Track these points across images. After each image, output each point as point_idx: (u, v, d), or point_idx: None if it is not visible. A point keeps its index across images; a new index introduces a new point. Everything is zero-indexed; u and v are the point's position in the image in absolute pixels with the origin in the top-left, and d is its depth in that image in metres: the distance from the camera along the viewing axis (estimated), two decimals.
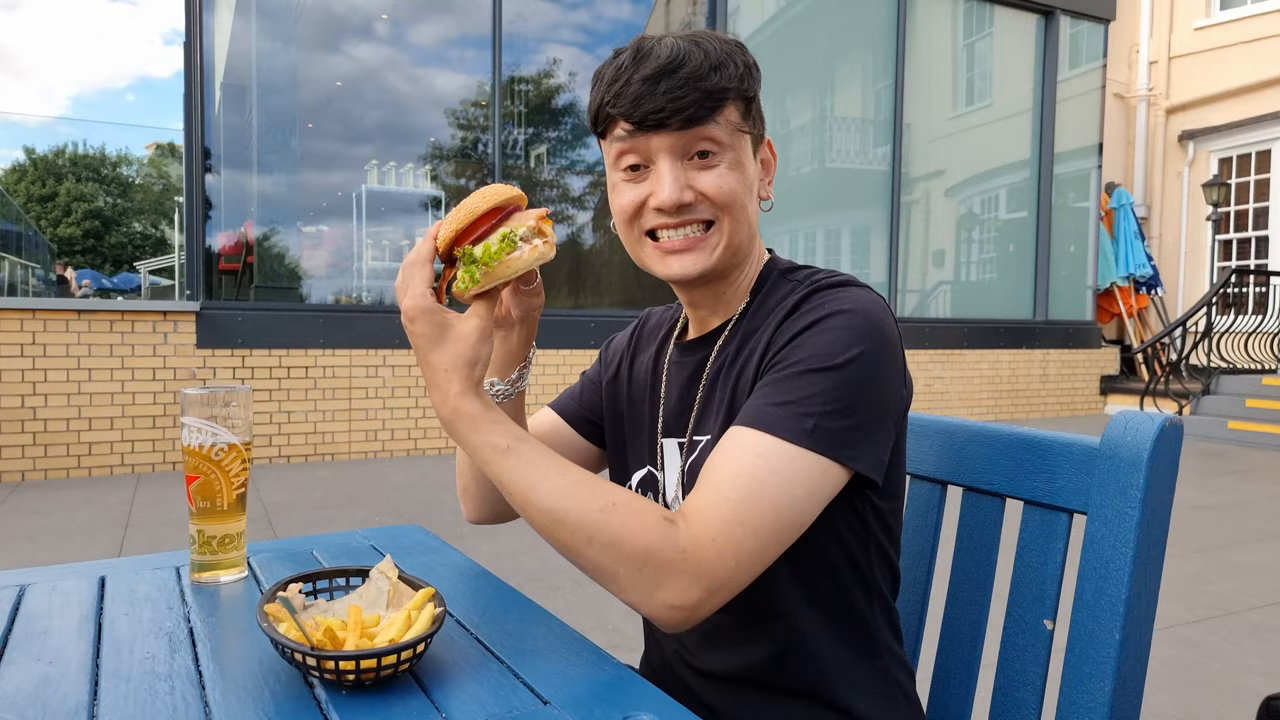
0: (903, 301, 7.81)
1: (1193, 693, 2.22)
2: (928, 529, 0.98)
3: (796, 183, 7.51)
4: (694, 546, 0.69)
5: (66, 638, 0.75)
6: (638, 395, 0.99)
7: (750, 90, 0.84)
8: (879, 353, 0.76)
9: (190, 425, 0.86)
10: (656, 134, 0.82)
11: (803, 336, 0.77)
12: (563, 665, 0.70)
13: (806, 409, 0.72)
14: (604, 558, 0.71)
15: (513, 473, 0.74)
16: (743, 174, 0.84)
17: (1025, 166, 8.40)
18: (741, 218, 0.84)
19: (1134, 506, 0.73)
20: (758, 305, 0.88)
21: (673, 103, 0.80)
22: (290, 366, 5.45)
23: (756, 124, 0.87)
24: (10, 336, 4.77)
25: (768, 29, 7.28)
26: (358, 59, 5.97)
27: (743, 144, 0.85)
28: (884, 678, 0.86)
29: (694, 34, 0.85)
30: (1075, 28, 8.59)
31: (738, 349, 0.87)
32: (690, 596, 0.69)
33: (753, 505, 0.70)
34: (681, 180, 0.83)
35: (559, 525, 0.72)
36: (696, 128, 0.81)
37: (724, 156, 0.83)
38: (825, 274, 0.85)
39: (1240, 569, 3.32)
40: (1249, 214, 9.39)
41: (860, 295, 0.80)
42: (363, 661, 0.62)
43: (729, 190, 0.83)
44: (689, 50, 0.81)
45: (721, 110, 0.82)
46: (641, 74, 0.81)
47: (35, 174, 33.55)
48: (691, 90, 0.80)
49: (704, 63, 0.80)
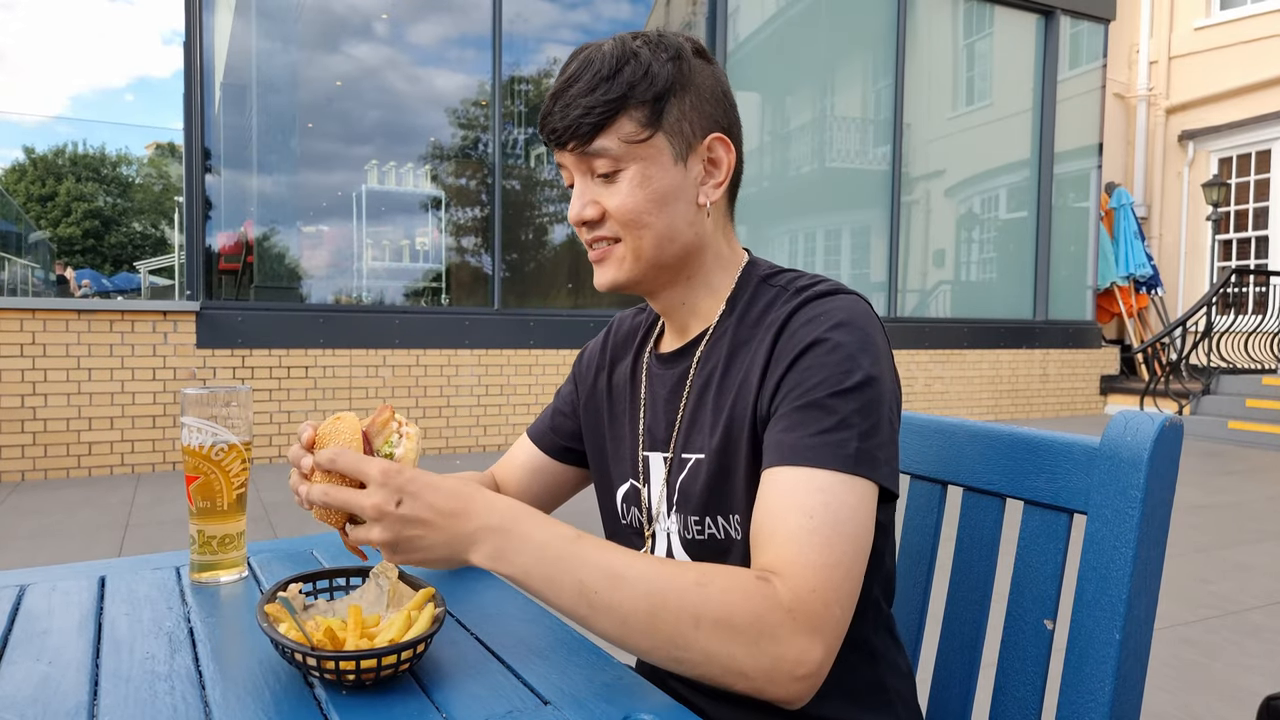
0: (903, 301, 7.80)
1: (1193, 693, 2.22)
2: (928, 529, 0.98)
3: (796, 183, 7.51)
4: (799, 603, 0.65)
5: (66, 638, 0.75)
6: (619, 409, 0.96)
7: (648, 94, 0.78)
8: (883, 364, 0.76)
9: (190, 425, 0.86)
10: (562, 152, 0.82)
11: (811, 356, 0.75)
12: (563, 665, 0.70)
13: (844, 435, 0.71)
14: (715, 640, 0.64)
15: (594, 560, 0.66)
16: (650, 187, 0.80)
17: (1025, 166, 8.40)
18: (648, 233, 0.81)
19: (1134, 506, 0.73)
20: (740, 314, 0.85)
21: (563, 121, 0.79)
22: (290, 366, 5.45)
23: (675, 127, 0.81)
24: (10, 336, 4.77)
25: (768, 29, 7.28)
26: (358, 59, 5.97)
27: (650, 153, 0.80)
28: (878, 688, 0.84)
29: (618, 38, 0.81)
30: (1075, 28, 8.59)
31: (727, 362, 0.84)
32: (813, 657, 0.65)
33: (838, 544, 0.67)
34: (586, 197, 0.82)
35: (660, 613, 0.64)
36: (586, 145, 0.79)
37: (625, 171, 0.80)
38: (809, 280, 0.83)
39: (1240, 569, 3.32)
40: (1249, 214, 9.38)
41: (853, 305, 0.78)
42: (363, 661, 0.62)
43: (628, 208, 0.80)
44: (589, 62, 0.79)
45: (611, 124, 0.78)
46: (552, 91, 0.80)
47: (35, 174, 33.53)
48: (576, 107, 0.78)
49: (595, 76, 0.78)
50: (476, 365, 5.95)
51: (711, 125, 0.83)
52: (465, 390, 5.92)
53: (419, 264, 6.40)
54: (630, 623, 0.65)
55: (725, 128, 0.84)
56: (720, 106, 0.84)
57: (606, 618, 0.65)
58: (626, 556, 0.67)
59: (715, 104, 0.84)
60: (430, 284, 6.38)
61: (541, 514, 0.71)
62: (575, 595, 0.66)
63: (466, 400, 5.92)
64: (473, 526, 0.68)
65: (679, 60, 0.81)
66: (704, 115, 0.83)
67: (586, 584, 0.65)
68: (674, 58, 0.80)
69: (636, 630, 0.65)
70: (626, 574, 0.65)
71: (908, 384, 7.54)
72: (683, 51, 0.81)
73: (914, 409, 0.95)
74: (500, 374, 6.01)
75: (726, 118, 0.85)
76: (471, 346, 5.93)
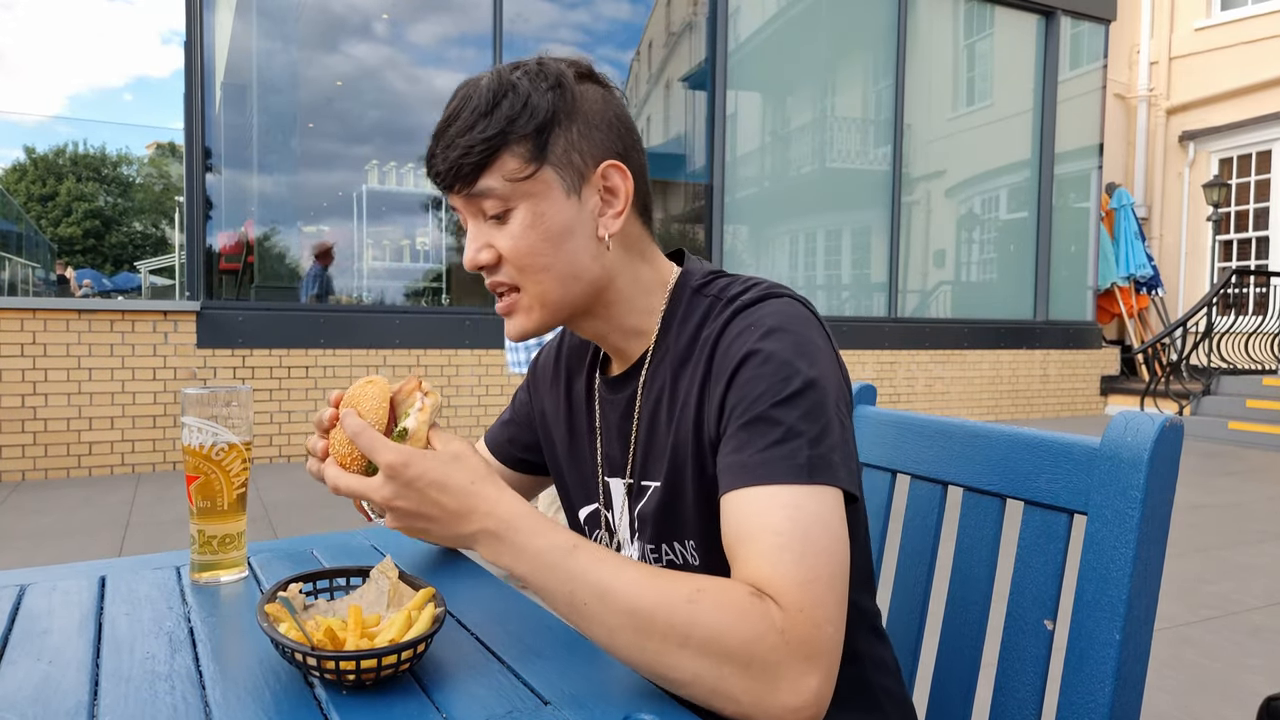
0: (903, 302, 7.80)
1: (1193, 693, 2.22)
2: (928, 529, 0.98)
3: (797, 183, 7.51)
4: (790, 625, 0.62)
5: (66, 638, 0.75)
6: (578, 427, 0.93)
7: (529, 127, 0.74)
8: (823, 363, 0.73)
9: (190, 425, 0.86)
10: (450, 195, 0.78)
11: (747, 370, 0.72)
12: (563, 665, 0.70)
13: (794, 445, 0.68)
14: (703, 662, 0.62)
15: (585, 574, 0.66)
16: (542, 225, 0.76)
17: (1026, 167, 8.40)
18: (547, 276, 0.78)
19: (1134, 506, 0.73)
20: (678, 331, 0.82)
21: (445, 163, 0.76)
22: (290, 366, 5.45)
23: (563, 159, 0.76)
24: (10, 336, 4.77)
25: (768, 29, 7.28)
26: (358, 59, 5.97)
27: (538, 189, 0.76)
28: (862, 686, 0.83)
29: (496, 71, 0.77)
30: (1076, 28, 8.59)
31: (673, 384, 0.81)
32: (809, 687, 0.62)
33: (811, 557, 0.64)
34: (479, 241, 0.78)
35: (647, 629, 0.63)
36: (471, 185, 0.76)
37: (515, 211, 0.76)
38: (740, 287, 0.80)
39: (1240, 569, 3.32)
40: (1249, 214, 9.38)
41: (783, 308, 0.76)
42: (363, 661, 0.62)
43: (522, 249, 0.77)
44: (466, 98, 0.75)
45: (493, 162, 0.75)
46: (434, 131, 0.77)
47: (35, 173, 33.55)
48: (455, 148, 0.75)
49: (472, 112, 0.74)
50: (477, 365, 5.95)
51: (604, 152, 0.79)
52: (465, 390, 5.92)
53: (419, 264, 6.40)
54: (618, 638, 0.65)
55: (620, 153, 0.80)
56: (613, 131, 0.80)
57: (596, 630, 0.66)
58: (619, 570, 0.66)
59: (606, 130, 0.79)
60: (431, 284, 6.39)
61: (541, 519, 0.70)
62: (567, 606, 0.67)
63: (467, 400, 5.93)
64: (473, 529, 0.70)
65: (560, 89, 0.76)
66: (594, 143, 0.78)
67: (577, 596, 0.66)
68: (554, 86, 0.76)
69: (624, 646, 0.65)
70: (616, 589, 0.65)
71: (908, 384, 7.54)
72: (564, 79, 0.77)
73: (914, 409, 0.94)
74: (500, 374, 6.02)
75: (621, 142, 0.80)
76: (472, 346, 5.93)
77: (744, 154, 7.15)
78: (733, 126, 6.95)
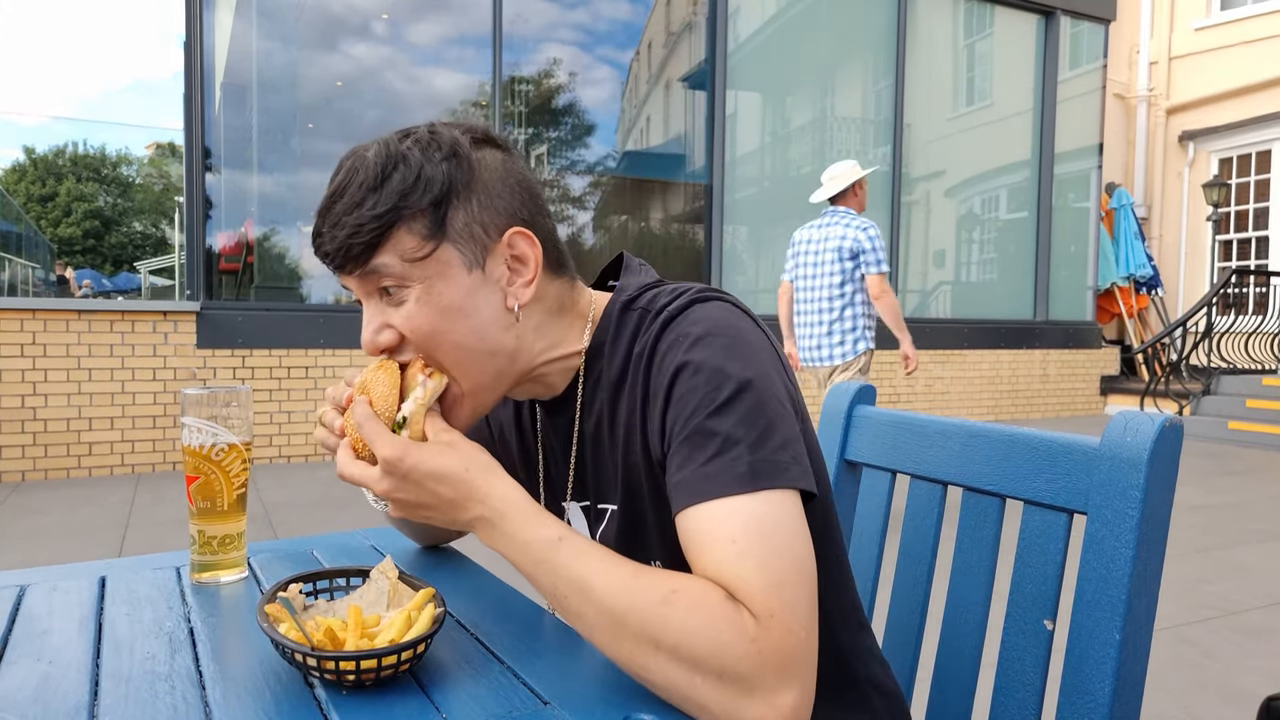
0: (903, 302, 7.80)
1: (1193, 693, 2.22)
2: (927, 529, 0.98)
3: (797, 183, 7.50)
4: (762, 634, 0.61)
5: (66, 638, 0.75)
6: (530, 451, 0.92)
7: (423, 201, 0.70)
8: (757, 361, 0.72)
9: (190, 425, 0.86)
10: (341, 276, 0.74)
11: (680, 385, 0.71)
12: (563, 665, 0.70)
13: (734, 454, 0.67)
14: (674, 666, 0.61)
15: (567, 569, 0.66)
16: (441, 302, 0.72)
17: (1025, 167, 8.40)
18: (457, 352, 0.74)
19: (1134, 507, 0.73)
20: (609, 351, 0.80)
21: (333, 243, 0.71)
22: (290, 366, 5.45)
23: (464, 233, 0.72)
24: (10, 336, 4.77)
25: (768, 29, 7.28)
26: (358, 59, 5.97)
27: (436, 268, 0.71)
28: (851, 683, 0.83)
29: (383, 140, 0.72)
30: (1075, 28, 8.59)
31: (611, 404, 0.79)
32: (786, 702, 0.60)
33: (773, 562, 0.63)
34: (377, 321, 0.74)
35: (621, 630, 0.63)
36: (364, 265, 0.71)
37: (411, 290, 0.72)
38: (667, 296, 0.78)
39: (1240, 569, 3.32)
40: (1249, 214, 9.38)
41: (710, 311, 0.74)
42: (363, 662, 0.62)
43: (423, 330, 0.72)
44: (353, 171, 0.71)
45: (387, 240, 0.70)
46: (319, 206, 0.73)
47: (35, 174, 33.55)
48: (343, 226, 0.70)
49: (360, 187, 0.70)
50: None
51: (508, 221, 0.75)
52: None
53: None
54: (596, 634, 0.65)
55: (525, 219, 0.76)
56: (516, 197, 0.76)
57: (578, 625, 0.67)
58: (599, 566, 0.65)
59: (510, 196, 0.75)
60: None
61: (533, 508, 0.70)
62: (551, 597, 0.68)
63: None
64: (468, 516, 0.71)
65: (455, 158, 0.72)
66: (497, 212, 0.74)
67: (559, 590, 0.67)
68: (449, 156, 0.72)
69: (602, 644, 0.65)
70: (594, 586, 0.64)
71: (908, 384, 7.54)
72: (459, 147, 0.73)
73: (914, 409, 0.94)
74: None
75: (525, 208, 0.76)
76: None
77: (743, 154, 7.15)
78: (732, 127, 6.95)
